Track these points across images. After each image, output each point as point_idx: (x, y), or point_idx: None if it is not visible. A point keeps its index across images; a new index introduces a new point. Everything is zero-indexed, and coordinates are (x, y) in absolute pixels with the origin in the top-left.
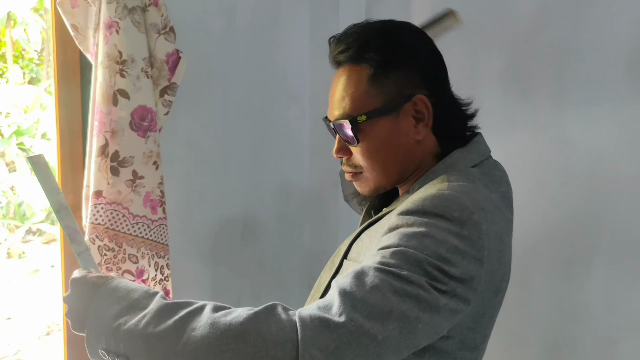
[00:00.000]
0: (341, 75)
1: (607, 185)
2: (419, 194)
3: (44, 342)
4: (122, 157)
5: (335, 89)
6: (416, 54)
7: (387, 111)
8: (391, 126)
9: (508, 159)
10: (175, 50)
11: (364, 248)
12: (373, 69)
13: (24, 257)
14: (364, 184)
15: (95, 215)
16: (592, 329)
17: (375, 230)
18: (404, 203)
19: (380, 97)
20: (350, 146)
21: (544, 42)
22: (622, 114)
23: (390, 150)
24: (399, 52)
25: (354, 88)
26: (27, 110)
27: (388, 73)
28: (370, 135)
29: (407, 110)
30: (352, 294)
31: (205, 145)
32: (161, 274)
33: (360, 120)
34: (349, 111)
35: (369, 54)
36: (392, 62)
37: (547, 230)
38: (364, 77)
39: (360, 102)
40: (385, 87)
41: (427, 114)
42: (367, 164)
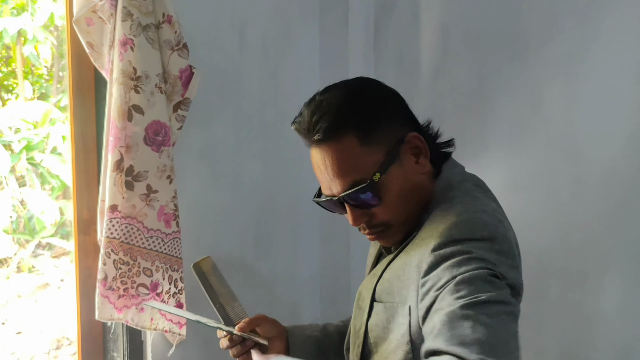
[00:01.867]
0: (328, 151)
1: (619, 195)
2: (437, 225)
3: (54, 357)
4: (137, 172)
5: (329, 165)
6: (387, 99)
7: (391, 160)
8: (400, 172)
9: (520, 170)
10: (188, 66)
11: (394, 288)
12: (359, 132)
13: (34, 271)
14: (392, 238)
15: (111, 229)
16: (607, 340)
17: (401, 269)
18: (429, 238)
19: (379, 151)
20: (372, 208)
21: (554, 53)
22: (633, 125)
23: (409, 194)
24: (373, 105)
25: (350, 156)
26: (37, 126)
27: (375, 128)
28: (389, 189)
29: (405, 151)
30: (469, 344)
31: (218, 160)
32: (175, 287)
33: (376, 179)
34: (360, 176)
35: (347, 121)
36: (373, 117)
37: (561, 241)
38: (354, 144)
39: (366, 165)
40: (379, 141)
41: (423, 147)
42: (394, 216)
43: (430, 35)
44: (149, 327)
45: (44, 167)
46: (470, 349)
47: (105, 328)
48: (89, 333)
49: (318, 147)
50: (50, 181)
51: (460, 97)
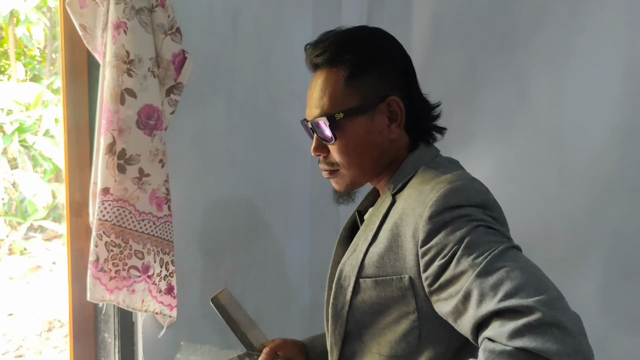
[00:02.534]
0: (319, 78)
1: (602, 185)
2: (426, 193)
3: (46, 338)
4: (129, 155)
5: (313, 90)
6: (389, 57)
7: (363, 110)
8: (366, 125)
9: (506, 160)
10: (181, 50)
11: (386, 261)
12: (349, 70)
13: (26, 254)
14: (340, 181)
15: (103, 212)
16: (586, 326)
17: (393, 240)
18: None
19: (356, 96)
20: (328, 144)
21: (542, 46)
22: (617, 116)
23: (366, 148)
24: (373, 55)
25: (331, 88)
26: (29, 108)
27: (363, 74)
28: (347, 133)
29: (382, 110)
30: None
31: (210, 144)
32: (166, 270)
33: (337, 117)
34: (327, 109)
35: (345, 56)
36: (367, 64)
37: (544, 229)
38: (341, 78)
39: (338, 101)
40: (361, 88)
41: (400, 115)
42: (343, 161)
43: (422, 25)
44: (140, 309)
45: (36, 150)
46: (520, 296)
47: (96, 309)
48: (80, 314)
49: (314, 72)
50: (42, 164)
51: (450, 87)
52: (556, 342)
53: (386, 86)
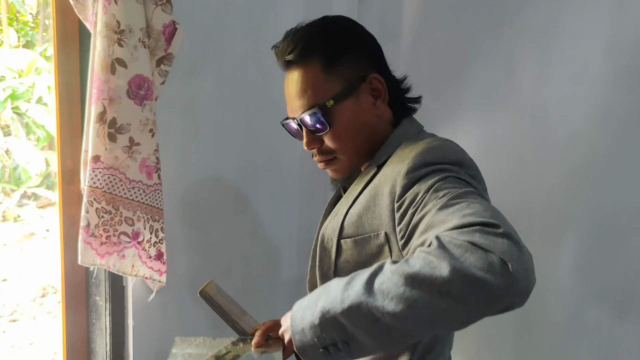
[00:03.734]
0: (294, 74)
1: (581, 163)
2: (405, 155)
3: (40, 304)
4: (120, 124)
5: (292, 88)
6: (358, 39)
7: (348, 93)
8: (354, 107)
9: (491, 134)
10: (171, 21)
11: (364, 220)
12: (324, 59)
13: (20, 221)
14: (338, 168)
15: (94, 179)
16: (561, 297)
17: (371, 200)
18: (398, 164)
19: (338, 82)
20: (321, 134)
21: (529, 22)
22: (598, 95)
23: (358, 129)
24: (343, 40)
25: (312, 80)
26: (22, 75)
27: (339, 59)
28: (339, 118)
29: (365, 89)
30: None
31: (200, 115)
32: (156, 237)
33: (328, 105)
34: (315, 100)
35: (317, 47)
36: (340, 49)
37: (524, 205)
38: (318, 69)
39: (323, 90)
40: (340, 73)
41: (383, 90)
42: (339, 146)
43: (412, 2)
44: (130, 274)
45: (30, 117)
46: (475, 216)
47: (88, 273)
48: (72, 278)
49: (288, 70)
50: (35, 131)
51: (438, 62)
52: (504, 247)
53: (363, 66)
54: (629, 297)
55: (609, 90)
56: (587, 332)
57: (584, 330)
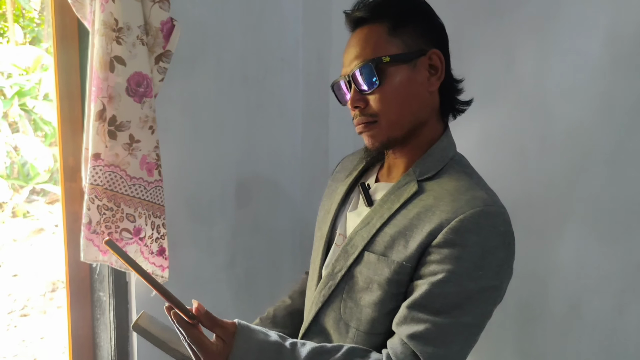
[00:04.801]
0: (360, 33)
1: (582, 153)
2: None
3: (50, 298)
4: (119, 122)
5: (354, 45)
6: (429, 15)
7: (407, 58)
8: (409, 74)
9: (491, 127)
10: (169, 18)
11: (395, 244)
12: (392, 21)
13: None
14: (376, 134)
15: (94, 176)
16: (563, 289)
17: (409, 229)
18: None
19: (400, 46)
20: (368, 93)
21: (528, 13)
22: (599, 85)
23: (407, 97)
24: (415, 10)
25: (376, 38)
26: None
27: (406, 26)
28: (391, 79)
29: (423, 62)
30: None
31: (199, 111)
32: (157, 233)
33: (384, 60)
34: (372, 55)
35: (388, 9)
36: (410, 17)
37: (525, 196)
38: (385, 29)
39: (383, 48)
40: (404, 39)
41: (441, 68)
42: (384, 109)
43: None
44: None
45: (37, 114)
46: (418, 348)
47: (91, 269)
48: (76, 274)
49: (355, 30)
50: (42, 128)
51: None
52: None
53: (427, 41)
54: (629, 289)
55: (609, 81)
56: (588, 323)
57: (584, 322)
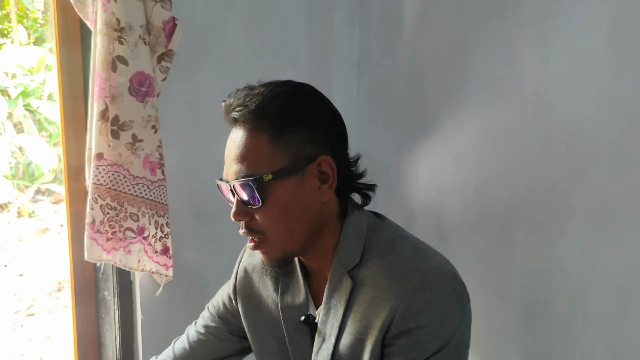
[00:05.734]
0: (239, 134)
1: (585, 150)
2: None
3: (56, 298)
4: (122, 121)
5: (232, 148)
6: (317, 114)
7: (292, 171)
8: (296, 187)
9: (494, 124)
10: (171, 17)
11: (357, 352)
12: (274, 128)
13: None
14: (270, 250)
15: (97, 176)
16: (566, 287)
17: (363, 332)
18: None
19: (284, 156)
20: (252, 208)
21: (530, 12)
22: (601, 82)
23: (296, 212)
24: (300, 111)
25: (255, 148)
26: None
27: (291, 132)
28: (275, 196)
29: (312, 171)
30: None
31: (202, 110)
32: (161, 232)
33: (266, 179)
34: (252, 170)
35: (269, 112)
36: (294, 121)
37: (528, 193)
38: (265, 137)
39: (265, 162)
40: (289, 147)
41: (332, 175)
42: (271, 227)
43: None
44: (137, 269)
45: (41, 114)
46: None
47: (96, 269)
48: (81, 273)
49: (233, 128)
50: (47, 128)
51: (440, 52)
52: None
53: (315, 145)
54: (634, 287)
55: (612, 77)
56: (593, 321)
57: (589, 320)
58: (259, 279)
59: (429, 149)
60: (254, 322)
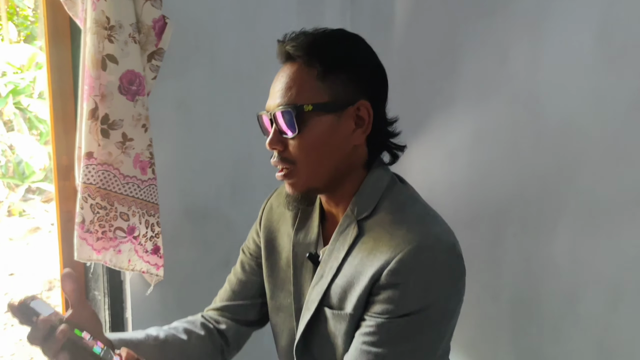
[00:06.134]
0: (289, 69)
1: (575, 149)
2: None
3: (46, 297)
4: (112, 120)
5: (280, 81)
6: (365, 62)
7: (331, 108)
8: (332, 124)
9: (485, 123)
10: (161, 16)
11: (347, 295)
12: (323, 65)
13: (25, 215)
14: (295, 181)
15: (87, 175)
16: (557, 285)
17: (355, 277)
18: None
19: (327, 93)
20: (287, 138)
21: (520, 11)
22: (591, 81)
23: (327, 148)
24: (349, 57)
25: (302, 80)
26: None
27: (337, 73)
28: (311, 128)
29: (350, 113)
30: None
31: (193, 109)
32: (152, 231)
33: (306, 109)
34: (295, 100)
35: (322, 51)
36: (342, 64)
37: (519, 192)
38: (313, 72)
39: (309, 93)
40: (333, 87)
41: (368, 121)
42: (301, 157)
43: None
44: (127, 268)
45: (31, 112)
46: None
47: (86, 268)
48: None
49: (284, 64)
50: (37, 126)
51: (432, 52)
52: None
53: (358, 90)
54: (623, 285)
55: (602, 76)
56: (582, 319)
57: (579, 318)
58: (281, 215)
59: (421, 147)
60: (269, 253)
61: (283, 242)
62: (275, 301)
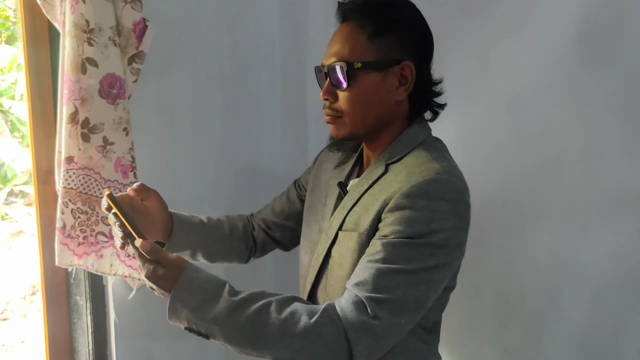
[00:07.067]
0: (345, 29)
1: (556, 150)
2: (415, 175)
3: (30, 302)
4: (93, 124)
5: (337, 39)
6: (413, 26)
7: (378, 66)
8: (378, 81)
9: (468, 124)
10: (142, 18)
11: (361, 218)
12: (374, 27)
13: (7, 219)
14: (340, 128)
15: (68, 180)
16: (539, 284)
17: (371, 203)
18: (404, 182)
19: (375, 53)
20: (338, 90)
21: (503, 12)
22: (572, 81)
23: (372, 102)
24: (398, 19)
25: (355, 39)
26: (4, 71)
27: (386, 35)
28: (360, 83)
29: (395, 72)
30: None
31: (175, 112)
32: None
33: (356, 66)
34: (347, 57)
35: (374, 13)
36: (391, 26)
37: (501, 192)
38: (365, 33)
39: (359, 52)
40: (381, 47)
41: (410, 80)
42: (349, 109)
43: None
44: (109, 273)
45: (13, 114)
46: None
47: (67, 273)
48: (52, 279)
49: (342, 23)
50: (19, 129)
51: None
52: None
53: (404, 51)
54: (605, 283)
55: (583, 77)
56: (565, 317)
57: (561, 316)
58: (330, 157)
59: None
60: (313, 186)
61: (325, 177)
62: (308, 227)
